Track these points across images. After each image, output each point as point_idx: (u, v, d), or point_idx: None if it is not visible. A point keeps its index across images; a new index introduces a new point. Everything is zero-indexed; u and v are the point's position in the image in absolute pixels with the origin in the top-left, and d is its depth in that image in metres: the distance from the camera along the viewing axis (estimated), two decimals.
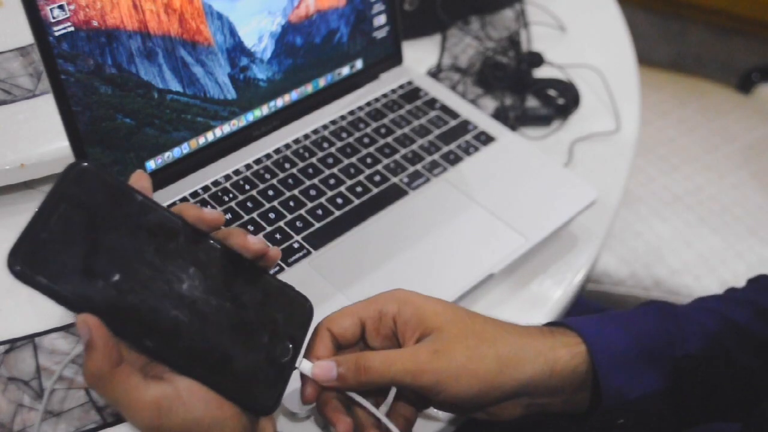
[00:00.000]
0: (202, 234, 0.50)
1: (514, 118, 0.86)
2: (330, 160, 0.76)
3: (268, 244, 0.51)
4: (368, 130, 0.79)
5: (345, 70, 0.81)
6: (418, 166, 0.76)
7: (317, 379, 0.52)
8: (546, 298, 0.71)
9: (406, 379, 0.51)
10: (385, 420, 0.53)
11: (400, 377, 0.51)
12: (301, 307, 0.52)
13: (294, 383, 0.58)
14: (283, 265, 0.67)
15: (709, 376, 0.58)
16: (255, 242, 0.50)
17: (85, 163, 0.47)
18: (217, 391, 0.48)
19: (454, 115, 0.82)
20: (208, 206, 0.70)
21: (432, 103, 0.83)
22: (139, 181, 0.49)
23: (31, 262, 0.44)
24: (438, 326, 0.53)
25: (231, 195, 0.71)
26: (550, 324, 0.59)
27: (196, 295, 0.48)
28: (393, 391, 0.56)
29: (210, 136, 0.72)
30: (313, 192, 0.73)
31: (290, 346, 0.51)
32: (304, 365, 0.52)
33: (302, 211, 0.71)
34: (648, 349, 0.57)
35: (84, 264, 0.45)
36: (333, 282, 0.66)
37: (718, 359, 0.58)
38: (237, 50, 0.71)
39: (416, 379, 0.51)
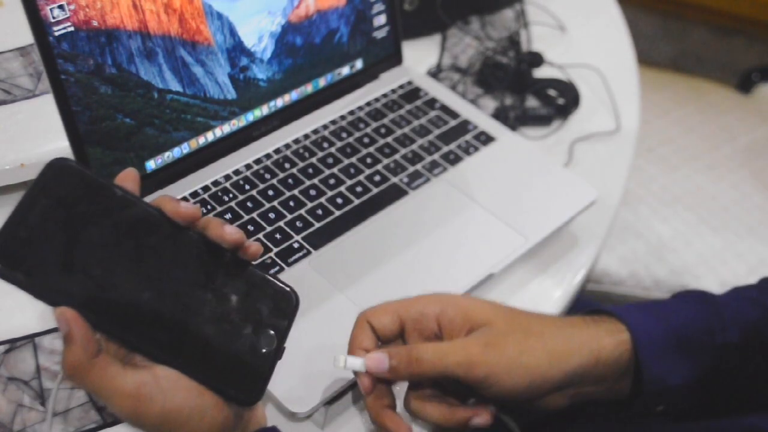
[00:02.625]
0: (181, 227, 0.50)
1: (514, 118, 0.86)
2: (330, 160, 0.76)
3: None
4: (368, 130, 0.79)
5: (345, 70, 0.81)
6: (418, 166, 0.76)
7: (370, 370, 0.52)
8: (546, 298, 0.71)
9: (458, 371, 0.51)
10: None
11: (452, 369, 0.51)
12: (287, 298, 0.52)
13: (294, 382, 0.59)
14: (283, 265, 0.67)
15: (749, 365, 0.58)
16: (231, 232, 0.50)
17: (65, 160, 0.47)
18: (198, 381, 0.48)
19: (454, 115, 0.82)
20: (203, 203, 0.70)
21: (432, 103, 0.83)
22: (126, 179, 0.50)
23: (8, 258, 0.45)
24: (485, 321, 0.54)
25: (231, 195, 0.71)
26: (592, 311, 0.59)
27: (177, 286, 0.49)
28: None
29: (210, 136, 0.72)
30: (313, 192, 0.73)
31: (274, 336, 0.51)
32: (352, 361, 0.53)
33: (302, 211, 0.71)
34: (689, 336, 0.57)
35: (63, 258, 0.46)
36: (333, 282, 0.66)
37: (757, 348, 0.58)
38: (237, 50, 0.71)
39: (468, 371, 0.51)
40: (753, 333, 0.58)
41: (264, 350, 0.51)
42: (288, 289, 0.52)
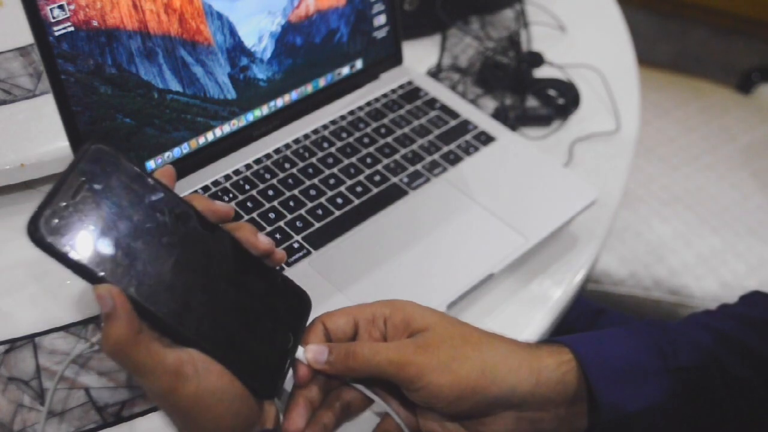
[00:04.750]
0: (211, 224, 0.52)
1: (514, 118, 0.86)
2: (330, 160, 0.76)
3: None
4: (368, 130, 0.79)
5: (345, 70, 0.81)
6: (418, 166, 0.76)
7: (309, 361, 0.54)
8: (546, 298, 0.71)
9: (389, 369, 0.52)
10: (389, 410, 0.55)
11: (384, 367, 0.52)
12: (301, 300, 0.55)
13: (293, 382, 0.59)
14: (283, 264, 0.67)
15: (706, 389, 0.57)
16: (264, 242, 0.53)
17: (102, 145, 0.48)
18: (228, 368, 0.49)
19: (454, 115, 0.82)
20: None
21: (432, 103, 0.83)
22: (164, 174, 0.53)
23: (52, 230, 0.45)
24: (425, 327, 0.54)
25: (231, 195, 0.71)
26: (539, 342, 0.59)
27: (206, 277, 0.50)
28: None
29: (210, 136, 0.72)
30: (313, 192, 0.73)
31: (291, 336, 0.53)
32: (297, 350, 0.54)
33: (302, 211, 0.71)
34: (639, 362, 0.56)
35: (101, 237, 0.46)
36: (333, 282, 0.66)
37: (712, 371, 0.57)
38: (237, 50, 0.71)
39: (399, 370, 0.52)
40: (708, 358, 0.57)
41: (282, 348, 0.52)
42: (303, 292, 0.55)
